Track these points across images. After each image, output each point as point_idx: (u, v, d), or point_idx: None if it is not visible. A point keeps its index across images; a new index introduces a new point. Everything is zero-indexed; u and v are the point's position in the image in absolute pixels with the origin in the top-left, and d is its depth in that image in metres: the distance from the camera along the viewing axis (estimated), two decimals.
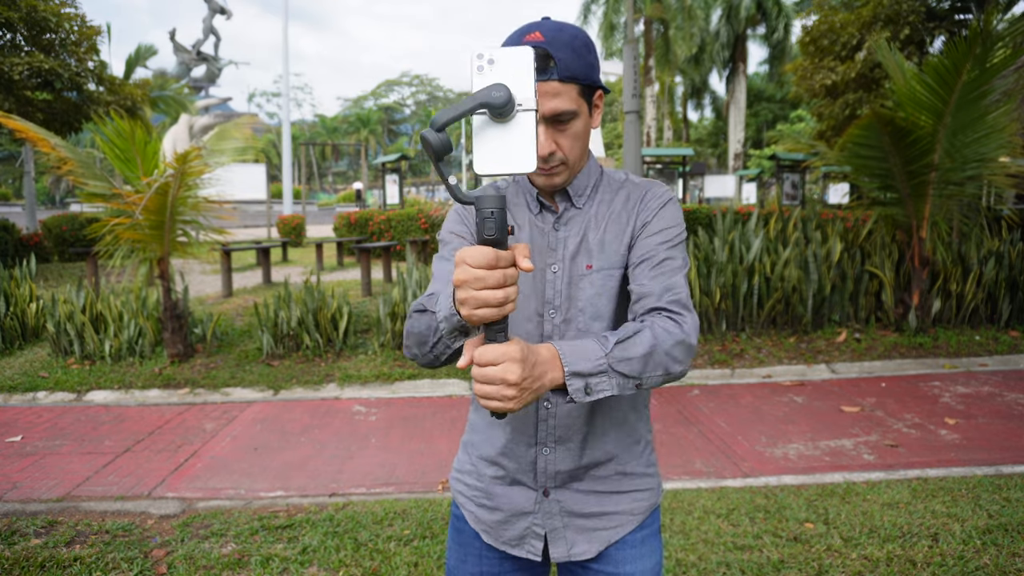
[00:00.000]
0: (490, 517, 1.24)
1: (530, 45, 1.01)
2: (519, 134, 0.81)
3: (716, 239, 6.44)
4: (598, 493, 1.20)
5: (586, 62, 1.07)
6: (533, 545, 1.21)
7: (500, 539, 1.23)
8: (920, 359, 5.83)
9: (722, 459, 3.89)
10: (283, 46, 20.58)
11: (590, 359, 0.95)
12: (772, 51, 27.95)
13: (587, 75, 1.07)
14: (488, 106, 0.79)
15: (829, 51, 10.85)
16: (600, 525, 1.20)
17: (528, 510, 1.21)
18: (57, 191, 37.62)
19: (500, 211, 0.80)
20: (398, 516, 3.18)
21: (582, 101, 1.08)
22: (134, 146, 5.47)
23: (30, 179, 15.50)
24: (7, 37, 10.56)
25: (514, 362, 0.85)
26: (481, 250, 0.81)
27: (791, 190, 14.26)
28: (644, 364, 0.98)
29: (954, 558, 2.67)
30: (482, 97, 0.79)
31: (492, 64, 0.82)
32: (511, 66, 0.82)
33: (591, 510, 1.20)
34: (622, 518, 1.21)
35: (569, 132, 1.08)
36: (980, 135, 5.73)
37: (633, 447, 1.24)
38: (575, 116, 1.07)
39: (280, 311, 5.97)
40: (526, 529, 1.21)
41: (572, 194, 1.17)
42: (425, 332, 1.03)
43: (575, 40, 1.06)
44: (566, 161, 1.11)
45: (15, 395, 5.34)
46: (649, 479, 1.27)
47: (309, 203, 35.55)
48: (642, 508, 1.23)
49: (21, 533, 3.05)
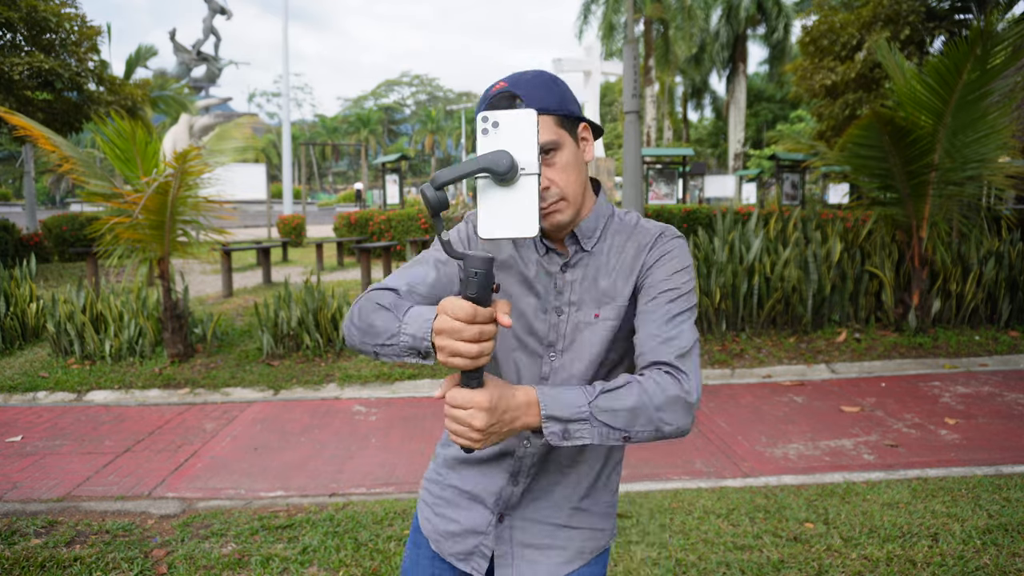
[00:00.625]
0: (444, 527, 1.25)
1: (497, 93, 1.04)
2: (522, 198, 0.84)
3: (716, 239, 6.44)
4: (551, 525, 1.21)
5: (555, 94, 1.07)
6: (478, 563, 1.21)
7: (447, 551, 1.24)
8: (920, 359, 5.83)
9: (722, 459, 3.89)
10: (283, 46, 20.58)
11: (571, 405, 0.95)
12: (772, 51, 27.96)
13: (560, 105, 1.07)
14: (491, 172, 0.82)
15: (829, 51, 10.86)
16: (547, 559, 1.20)
17: (481, 530, 1.21)
18: (57, 191, 37.62)
19: (484, 273, 0.83)
20: (398, 516, 3.19)
21: (563, 132, 1.07)
22: (134, 146, 5.47)
23: (30, 179, 15.50)
24: (7, 37, 10.56)
25: (480, 411, 0.89)
26: (461, 304, 0.84)
27: (791, 190, 14.26)
28: (630, 418, 0.97)
29: (954, 558, 2.67)
30: (485, 162, 0.81)
31: (496, 128, 0.85)
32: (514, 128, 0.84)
33: (541, 541, 1.20)
34: (569, 554, 1.21)
35: (557, 165, 1.07)
36: (980, 135, 5.73)
37: (593, 487, 1.23)
38: (557, 147, 1.06)
39: (280, 311, 5.97)
40: (475, 547, 1.22)
41: (580, 236, 1.15)
42: (380, 329, 1.01)
43: (537, 78, 1.08)
44: (565, 196, 1.08)
45: (15, 395, 5.34)
46: (606, 520, 1.26)
47: (309, 203, 35.56)
48: (592, 548, 1.23)
49: (21, 533, 3.05)
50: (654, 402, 0.98)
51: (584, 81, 13.11)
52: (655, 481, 3.60)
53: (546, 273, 1.15)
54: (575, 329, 1.14)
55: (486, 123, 0.85)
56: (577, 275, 1.15)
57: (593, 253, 1.15)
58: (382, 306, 1.03)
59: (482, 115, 0.86)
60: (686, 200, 17.37)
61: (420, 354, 0.95)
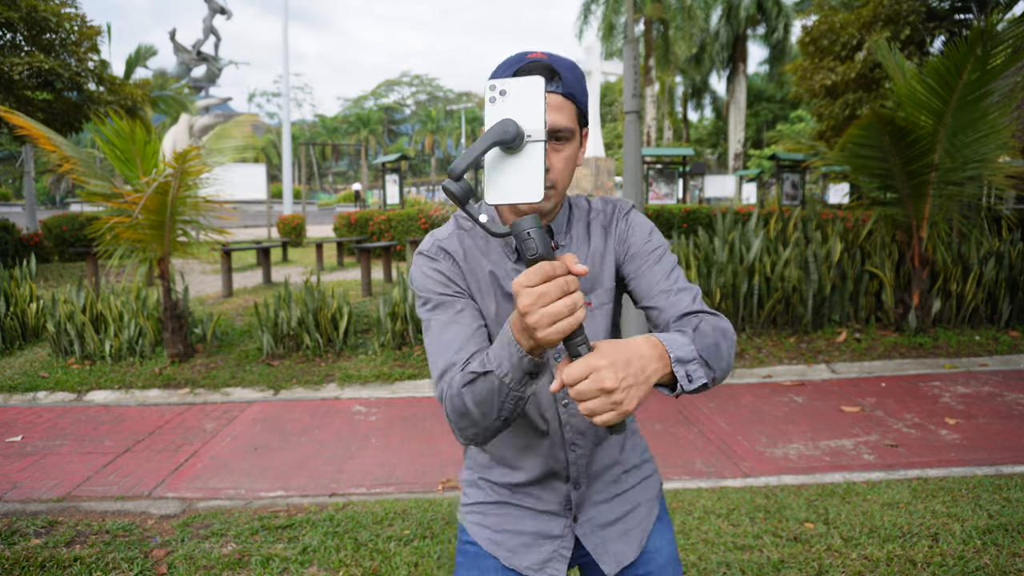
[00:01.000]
0: (513, 541, 1.23)
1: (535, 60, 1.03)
2: (528, 164, 0.83)
3: (716, 239, 6.44)
4: (616, 497, 1.24)
5: (583, 88, 1.08)
6: (556, 568, 1.21)
7: (521, 564, 1.22)
8: (920, 359, 5.83)
9: (722, 459, 3.89)
10: (283, 46, 20.59)
11: (685, 346, 0.93)
12: (772, 51, 27.96)
13: (584, 101, 1.08)
14: (500, 143, 0.81)
15: (829, 51, 10.86)
16: (631, 524, 1.24)
17: (557, 534, 1.22)
18: (57, 191, 37.62)
19: (536, 229, 0.82)
20: (398, 516, 3.18)
21: (577, 127, 1.07)
22: (134, 146, 5.47)
23: (30, 179, 15.50)
24: (7, 37, 10.56)
25: (601, 370, 0.81)
26: (533, 268, 0.81)
27: (791, 190, 14.26)
28: (716, 355, 0.98)
29: (954, 558, 2.67)
30: (494, 136, 0.80)
31: (504, 95, 0.84)
32: (522, 96, 0.83)
33: (617, 514, 1.24)
34: (644, 508, 1.26)
35: (564, 154, 1.06)
36: (980, 135, 5.72)
37: (624, 443, 1.28)
38: (571, 137, 1.06)
39: (280, 311, 5.97)
40: (552, 552, 1.21)
41: (554, 231, 1.15)
42: (488, 396, 0.95)
43: (575, 66, 1.08)
44: (555, 185, 1.07)
45: (15, 395, 5.34)
46: (648, 465, 1.32)
47: (309, 203, 35.56)
48: (655, 493, 1.30)
49: (21, 533, 3.05)
50: (724, 337, 1.01)
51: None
52: None
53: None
54: None
55: (494, 91, 0.84)
56: None
57: (567, 246, 1.16)
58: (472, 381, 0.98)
59: (490, 83, 0.85)
60: (686, 200, 17.37)
61: (531, 375, 0.92)
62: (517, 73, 1.03)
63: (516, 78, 0.84)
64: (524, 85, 0.84)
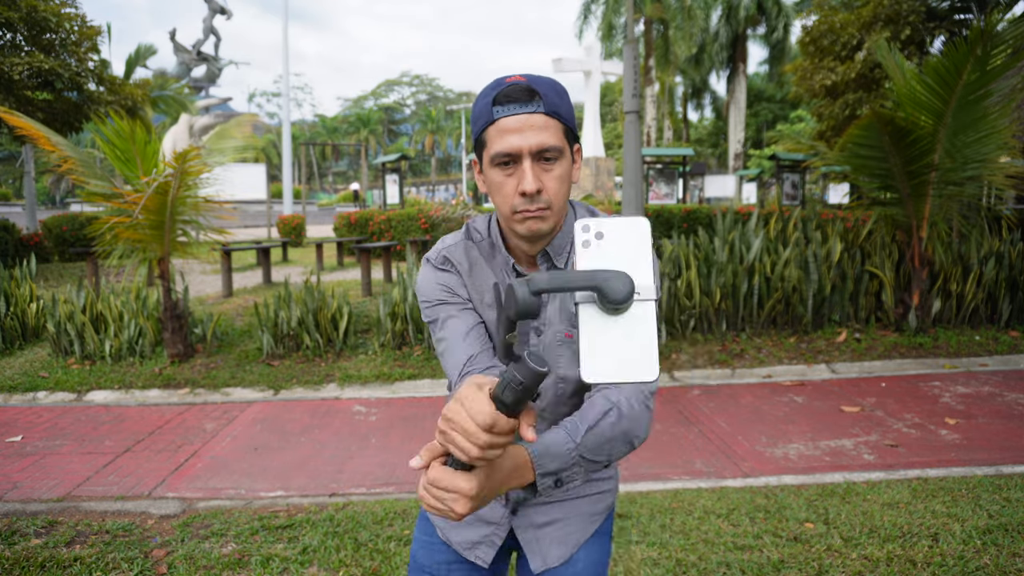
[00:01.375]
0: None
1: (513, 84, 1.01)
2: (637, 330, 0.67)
3: (716, 239, 6.44)
4: (561, 501, 1.22)
5: (568, 104, 1.06)
6: (484, 552, 1.22)
7: (455, 539, 1.24)
8: (920, 359, 5.83)
9: (722, 459, 3.89)
10: (283, 46, 20.59)
11: (561, 456, 0.94)
12: (772, 51, 27.97)
13: (569, 117, 1.06)
14: (602, 293, 0.65)
15: (829, 51, 10.86)
16: (569, 530, 1.22)
17: (493, 521, 1.22)
18: (57, 191, 37.62)
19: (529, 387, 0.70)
20: (398, 516, 3.18)
21: (566, 143, 1.06)
22: (134, 146, 5.47)
23: (30, 179, 15.50)
24: (7, 37, 10.56)
25: (464, 498, 0.81)
26: (482, 410, 0.73)
27: (791, 190, 14.26)
28: (611, 448, 0.98)
29: (954, 558, 2.67)
30: (599, 280, 0.65)
31: (601, 239, 0.69)
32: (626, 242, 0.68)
33: (557, 516, 1.22)
34: (587, 519, 1.24)
35: (554, 173, 1.04)
36: (981, 135, 5.72)
37: None
38: (560, 155, 1.04)
39: (280, 311, 5.97)
40: (484, 536, 1.22)
41: (552, 255, 1.13)
42: None
43: (556, 83, 1.06)
44: (551, 205, 1.05)
45: (15, 395, 5.34)
46: (608, 481, 1.28)
47: (309, 203, 35.56)
48: (604, 508, 1.26)
49: (21, 533, 3.05)
50: (631, 426, 1.00)
51: (584, 81, 13.10)
52: (655, 481, 3.60)
53: None
54: (549, 350, 1.13)
55: (587, 233, 0.69)
56: (551, 295, 1.13)
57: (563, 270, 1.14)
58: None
59: (583, 224, 0.69)
60: (686, 200, 17.37)
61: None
62: (497, 99, 1.01)
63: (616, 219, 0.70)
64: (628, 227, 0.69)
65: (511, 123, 1.01)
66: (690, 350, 6.00)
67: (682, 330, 6.24)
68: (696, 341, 6.16)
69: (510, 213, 1.06)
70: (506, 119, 1.01)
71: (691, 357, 5.90)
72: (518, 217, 1.06)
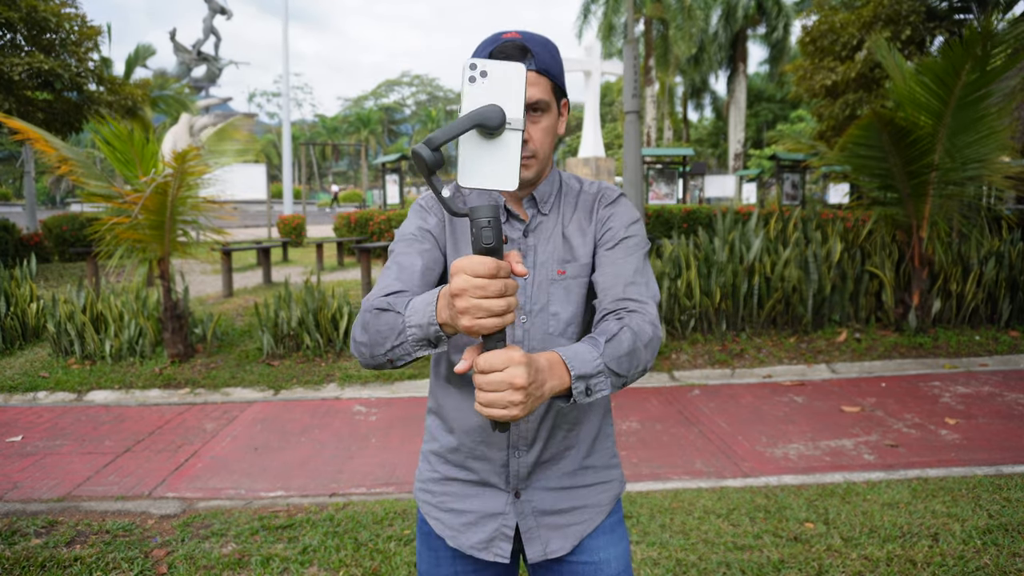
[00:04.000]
0: (457, 520, 1.24)
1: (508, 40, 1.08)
2: (505, 152, 0.83)
3: (716, 239, 6.44)
4: (565, 489, 1.23)
5: (558, 63, 1.15)
6: (501, 548, 1.21)
7: (467, 543, 1.23)
8: (920, 359, 5.83)
9: (722, 459, 3.89)
10: (283, 46, 20.58)
11: (589, 361, 0.96)
12: (772, 51, 27.94)
13: (559, 75, 1.14)
14: (482, 126, 0.81)
15: (829, 51, 10.86)
16: (572, 520, 1.23)
17: (499, 511, 1.22)
18: (57, 191, 37.61)
19: (496, 220, 0.81)
20: (398, 516, 3.19)
21: (553, 99, 1.15)
22: (132, 148, 5.47)
23: (30, 179, 15.50)
24: (7, 37, 10.56)
25: (520, 366, 0.83)
26: (482, 259, 0.80)
27: (791, 190, 14.27)
28: (629, 362, 1.02)
29: (954, 558, 2.67)
30: (478, 118, 0.80)
31: (485, 77, 0.83)
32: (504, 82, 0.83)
33: (560, 507, 1.23)
34: (590, 511, 1.24)
35: (541, 125, 1.14)
36: (981, 136, 5.72)
37: (595, 441, 1.28)
38: (548, 109, 1.13)
39: (280, 311, 5.97)
40: (495, 531, 1.21)
41: (539, 200, 1.22)
42: (386, 333, 0.99)
43: (548, 43, 1.14)
44: (536, 154, 1.15)
45: (15, 395, 5.34)
46: (612, 471, 1.31)
47: (309, 203, 35.55)
48: (608, 499, 1.28)
49: (21, 533, 3.05)
50: (642, 342, 1.04)
51: (584, 81, 13.07)
52: (655, 481, 3.60)
53: (510, 240, 1.22)
54: (541, 288, 1.18)
55: (474, 71, 0.83)
56: (539, 237, 1.21)
57: (549, 216, 1.22)
58: (381, 309, 1.02)
59: (471, 62, 0.83)
60: (686, 200, 17.37)
61: (431, 343, 0.95)
62: (493, 54, 1.07)
63: (499, 61, 0.83)
64: (508, 71, 0.83)
65: None
66: (690, 350, 6.01)
67: (682, 330, 6.24)
68: (696, 341, 6.16)
69: None
70: None
71: (691, 357, 5.91)
72: None
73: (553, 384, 0.91)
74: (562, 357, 0.94)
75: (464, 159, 0.84)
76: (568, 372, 0.93)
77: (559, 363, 0.93)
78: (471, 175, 0.84)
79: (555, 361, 0.93)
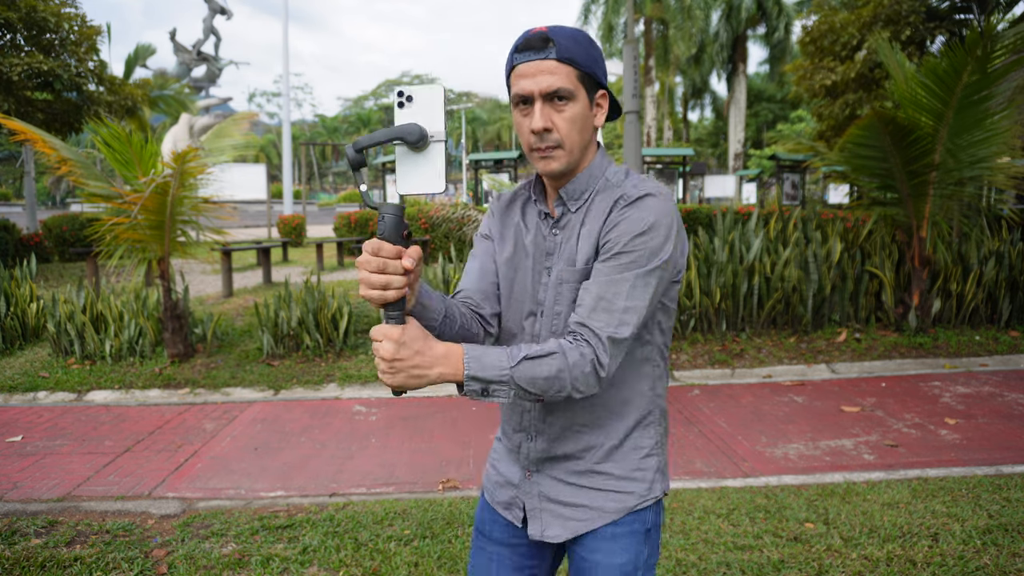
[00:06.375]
0: (494, 477, 1.37)
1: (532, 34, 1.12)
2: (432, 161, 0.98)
3: (716, 239, 6.44)
4: (572, 485, 1.25)
5: (587, 52, 1.11)
6: (516, 514, 1.31)
7: (495, 500, 1.35)
8: (920, 359, 5.83)
9: (722, 459, 3.89)
10: (283, 46, 20.58)
11: (493, 367, 1.03)
12: (772, 51, 27.94)
13: (587, 64, 1.11)
14: (403, 140, 0.96)
15: (829, 51, 10.86)
16: (570, 515, 1.25)
17: (515, 482, 1.31)
18: (57, 191, 37.61)
19: (391, 216, 0.97)
20: (398, 516, 3.18)
21: (580, 87, 1.11)
22: (131, 149, 5.47)
23: (30, 179, 15.50)
24: (7, 37, 10.55)
25: (389, 341, 0.99)
26: (370, 241, 0.97)
27: (791, 190, 14.28)
28: (546, 385, 1.05)
29: (954, 558, 2.67)
30: (397, 132, 0.96)
31: (411, 101, 0.98)
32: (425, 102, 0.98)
33: (563, 499, 1.25)
34: (592, 512, 1.24)
35: (566, 114, 1.11)
36: (983, 136, 5.72)
37: (615, 450, 1.24)
38: (571, 97, 1.10)
39: (280, 311, 5.97)
40: (512, 498, 1.32)
41: (566, 198, 1.19)
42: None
43: (578, 33, 1.13)
44: (562, 144, 1.12)
45: (15, 395, 5.34)
46: (631, 483, 1.25)
47: (309, 203, 35.55)
48: (615, 508, 1.24)
49: (21, 533, 3.05)
50: (572, 374, 1.05)
51: None
52: None
53: (541, 237, 1.23)
54: (551, 288, 1.20)
55: (401, 97, 0.98)
56: (564, 236, 1.20)
57: (576, 214, 1.20)
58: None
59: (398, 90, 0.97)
60: (686, 200, 17.37)
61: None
62: (519, 47, 1.11)
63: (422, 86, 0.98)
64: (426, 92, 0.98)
65: (525, 69, 1.11)
66: (690, 350, 6.01)
67: (682, 330, 6.24)
68: (696, 341, 6.16)
69: (528, 152, 1.16)
70: (522, 65, 1.11)
71: (691, 357, 5.91)
72: (534, 156, 1.15)
73: (443, 371, 1.02)
74: (464, 353, 1.02)
75: (399, 170, 1.00)
76: (463, 368, 1.02)
77: (458, 357, 1.02)
78: (405, 183, 1.00)
79: (455, 353, 1.02)
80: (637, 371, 1.22)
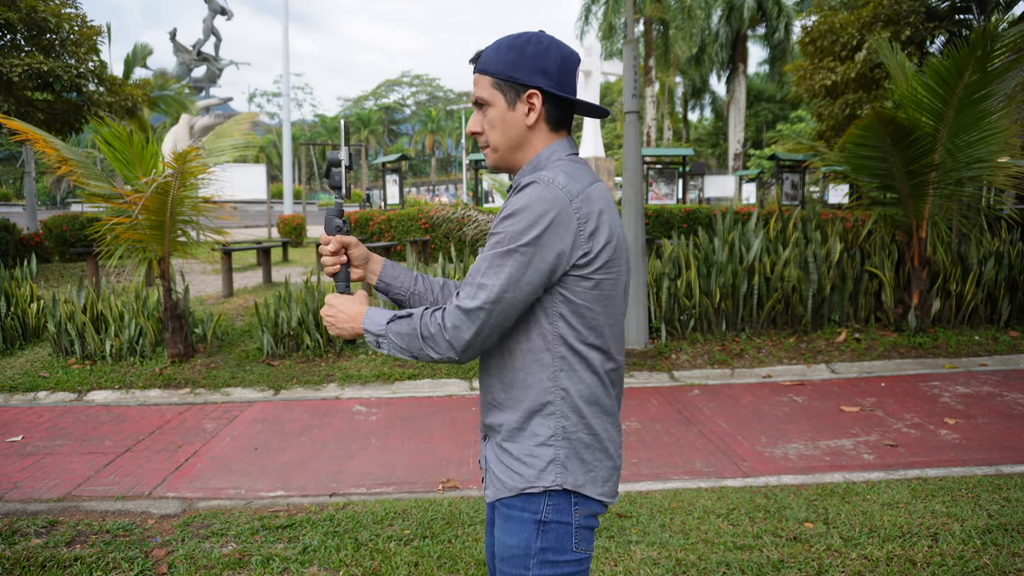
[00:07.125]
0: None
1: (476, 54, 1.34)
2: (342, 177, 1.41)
3: (716, 239, 6.44)
4: (495, 455, 1.34)
5: (505, 59, 1.24)
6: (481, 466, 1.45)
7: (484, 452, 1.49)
8: (920, 359, 5.83)
9: (722, 459, 3.89)
10: (283, 46, 20.58)
11: (377, 323, 1.27)
12: (772, 51, 27.96)
13: (504, 70, 1.23)
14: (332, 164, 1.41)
15: (829, 51, 10.86)
16: (490, 480, 1.35)
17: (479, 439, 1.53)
18: (58, 191, 37.61)
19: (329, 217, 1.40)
20: (398, 516, 3.19)
21: (496, 93, 1.25)
22: (131, 149, 5.47)
23: (31, 179, 15.51)
24: (7, 38, 10.55)
25: (328, 304, 1.35)
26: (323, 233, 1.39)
27: (791, 190, 14.28)
28: (409, 343, 1.23)
29: (954, 558, 2.67)
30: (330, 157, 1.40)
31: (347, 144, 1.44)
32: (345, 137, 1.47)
33: (491, 466, 1.35)
34: (498, 482, 1.31)
35: (487, 118, 1.28)
36: (982, 136, 5.72)
37: (517, 431, 1.28)
38: (488, 104, 1.27)
39: (280, 311, 5.97)
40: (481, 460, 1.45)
41: (512, 189, 1.31)
42: None
43: (503, 40, 1.26)
44: (489, 144, 1.30)
45: (16, 395, 5.34)
46: (521, 465, 1.26)
47: (309, 203, 35.53)
48: (509, 486, 1.28)
49: (22, 533, 3.06)
50: (421, 333, 1.21)
51: (584, 81, 13.09)
52: (655, 481, 3.60)
53: None
54: None
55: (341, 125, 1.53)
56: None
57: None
58: None
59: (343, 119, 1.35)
60: (686, 200, 17.37)
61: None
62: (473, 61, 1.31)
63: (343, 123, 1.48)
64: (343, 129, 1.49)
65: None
66: (690, 350, 6.01)
67: (682, 330, 6.24)
68: (696, 341, 6.16)
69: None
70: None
71: (691, 357, 5.91)
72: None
73: (354, 326, 1.31)
74: (365, 312, 1.30)
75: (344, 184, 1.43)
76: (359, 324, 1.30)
77: (360, 315, 1.31)
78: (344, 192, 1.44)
79: (360, 314, 1.31)
80: (535, 358, 1.24)
